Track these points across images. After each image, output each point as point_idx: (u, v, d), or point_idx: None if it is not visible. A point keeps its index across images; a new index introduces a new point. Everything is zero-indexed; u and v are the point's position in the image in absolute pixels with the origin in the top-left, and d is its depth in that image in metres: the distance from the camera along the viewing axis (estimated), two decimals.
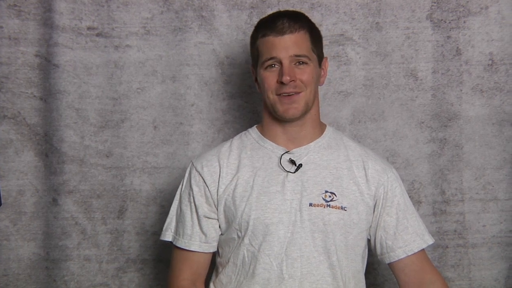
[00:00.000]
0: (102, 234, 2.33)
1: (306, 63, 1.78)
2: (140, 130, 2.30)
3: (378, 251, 1.86)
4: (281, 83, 1.76)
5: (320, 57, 1.84)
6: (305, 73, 1.77)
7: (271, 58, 1.77)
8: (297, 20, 1.80)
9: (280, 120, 1.81)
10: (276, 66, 1.78)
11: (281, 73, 1.76)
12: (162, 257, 2.32)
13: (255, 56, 1.83)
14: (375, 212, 1.84)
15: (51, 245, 2.33)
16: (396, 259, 1.84)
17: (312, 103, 1.81)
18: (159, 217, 2.32)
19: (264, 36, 1.79)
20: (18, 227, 2.33)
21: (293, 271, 1.75)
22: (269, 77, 1.78)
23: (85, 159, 2.30)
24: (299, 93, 1.77)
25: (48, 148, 2.31)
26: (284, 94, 1.77)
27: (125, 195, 2.32)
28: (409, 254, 1.84)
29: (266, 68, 1.79)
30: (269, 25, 1.79)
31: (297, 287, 1.75)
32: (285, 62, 1.76)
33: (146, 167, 2.31)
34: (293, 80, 1.76)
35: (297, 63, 1.77)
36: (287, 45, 1.76)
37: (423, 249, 1.87)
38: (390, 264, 1.87)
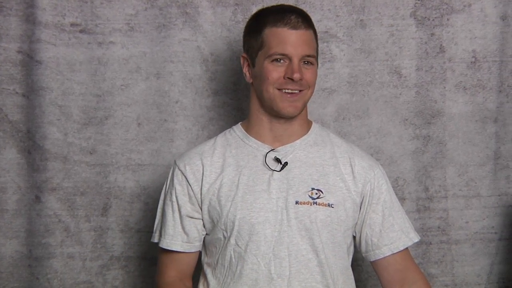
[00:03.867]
0: (86, 232, 2.32)
1: (312, 64, 1.77)
2: (124, 127, 2.29)
3: (363, 248, 1.85)
4: (288, 79, 1.73)
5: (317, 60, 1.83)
6: (310, 74, 1.76)
7: (281, 54, 1.74)
8: (307, 17, 1.79)
9: (271, 115, 1.80)
10: (283, 61, 1.75)
11: (291, 70, 1.73)
12: (147, 255, 2.31)
13: (258, 45, 1.78)
14: (362, 209, 1.83)
15: (34, 242, 2.31)
16: (381, 256, 1.83)
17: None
18: (143, 214, 2.31)
19: (275, 26, 1.75)
20: (0, 224, 2.31)
21: (282, 270, 1.74)
22: (274, 72, 1.75)
23: (69, 156, 2.29)
24: (302, 91, 1.76)
25: (31, 145, 2.29)
26: (287, 91, 1.75)
27: (109, 192, 2.31)
28: (395, 252, 1.83)
29: (272, 61, 1.75)
30: (281, 17, 1.76)
31: (286, 286, 1.74)
32: (295, 60, 1.73)
33: (130, 164, 2.30)
34: (301, 79, 1.74)
35: (304, 62, 1.76)
36: (299, 42, 1.74)
37: (407, 248, 1.86)
38: (373, 262, 1.86)
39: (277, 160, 1.79)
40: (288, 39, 1.74)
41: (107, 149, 2.30)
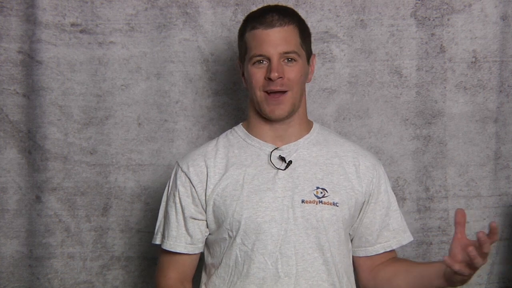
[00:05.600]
0: (86, 232, 2.32)
1: (296, 60, 1.76)
2: (124, 127, 2.29)
3: (355, 243, 1.86)
4: (268, 79, 1.73)
5: (309, 54, 1.82)
6: (293, 72, 1.75)
7: (259, 55, 1.74)
8: (286, 14, 1.77)
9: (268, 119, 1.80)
10: (264, 62, 1.75)
11: (269, 70, 1.73)
12: (147, 255, 2.31)
13: (243, 50, 1.80)
14: (362, 208, 1.83)
15: (34, 242, 2.31)
16: (374, 253, 1.84)
17: (299, 103, 1.80)
18: (143, 214, 2.31)
19: (253, 29, 1.76)
20: (1, 224, 2.31)
21: (289, 269, 1.73)
22: (257, 74, 1.75)
23: (69, 156, 2.29)
24: (285, 92, 1.75)
25: (31, 145, 2.29)
26: (270, 92, 1.74)
27: (109, 193, 2.31)
28: (387, 250, 1.84)
29: (254, 63, 1.76)
30: (258, 18, 1.76)
31: (293, 285, 1.73)
32: (274, 60, 1.73)
33: (131, 164, 2.30)
34: (281, 77, 1.73)
35: (286, 60, 1.75)
36: (276, 40, 1.73)
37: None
38: (361, 259, 1.86)
39: (282, 159, 1.79)
40: (264, 39, 1.74)
41: (108, 149, 2.30)
